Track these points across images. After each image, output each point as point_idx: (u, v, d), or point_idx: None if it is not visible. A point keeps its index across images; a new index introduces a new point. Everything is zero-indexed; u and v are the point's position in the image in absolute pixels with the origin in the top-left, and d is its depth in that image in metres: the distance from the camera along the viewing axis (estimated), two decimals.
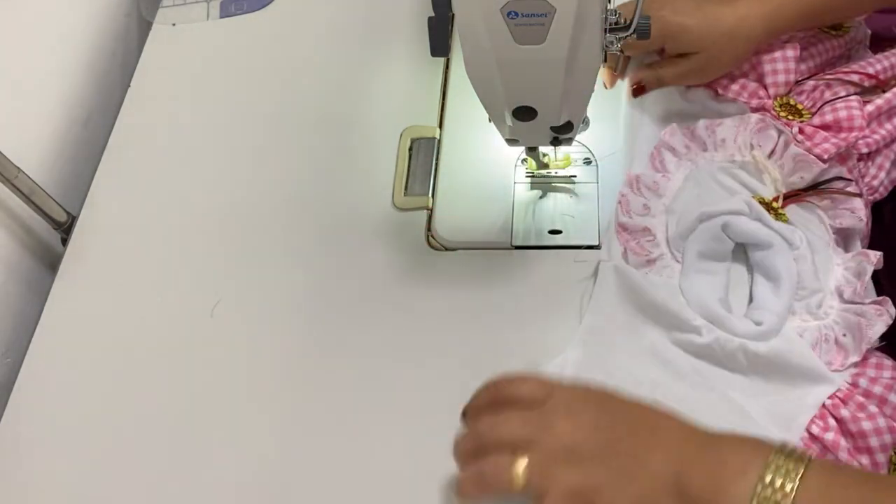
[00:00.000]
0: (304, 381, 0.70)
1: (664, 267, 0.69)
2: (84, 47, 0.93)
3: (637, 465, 0.50)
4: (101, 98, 0.95)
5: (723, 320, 0.65)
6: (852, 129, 0.69)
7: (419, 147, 0.82)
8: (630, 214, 0.72)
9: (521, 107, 0.61)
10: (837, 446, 0.60)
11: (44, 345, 0.75)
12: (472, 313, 0.71)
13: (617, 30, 0.61)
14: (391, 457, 0.66)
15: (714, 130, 0.74)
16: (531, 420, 0.53)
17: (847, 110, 0.70)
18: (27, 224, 0.85)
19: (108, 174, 0.84)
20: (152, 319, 0.75)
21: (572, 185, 0.77)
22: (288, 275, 0.76)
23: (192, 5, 0.96)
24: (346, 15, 0.93)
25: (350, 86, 0.88)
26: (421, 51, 0.88)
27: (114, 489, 0.67)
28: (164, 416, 0.70)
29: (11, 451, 0.70)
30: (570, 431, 0.52)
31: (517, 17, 0.53)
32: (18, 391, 0.72)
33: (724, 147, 0.73)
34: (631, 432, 0.52)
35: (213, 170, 0.83)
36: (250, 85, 0.89)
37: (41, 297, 0.78)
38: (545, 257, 0.74)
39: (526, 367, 0.67)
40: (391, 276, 0.74)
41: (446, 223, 0.76)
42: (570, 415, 0.53)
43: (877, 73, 0.74)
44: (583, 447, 0.51)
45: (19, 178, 0.78)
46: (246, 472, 0.66)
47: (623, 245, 0.71)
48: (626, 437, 0.52)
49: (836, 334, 0.64)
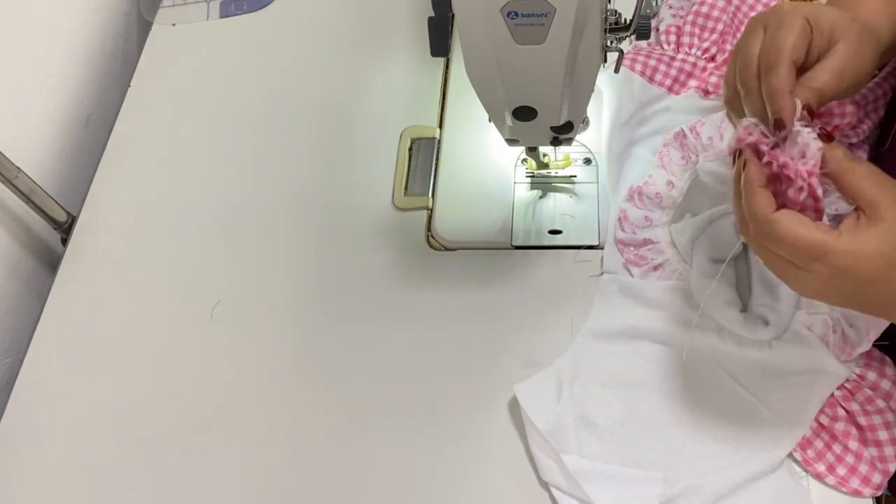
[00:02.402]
0: (304, 380, 0.70)
1: (673, 271, 0.70)
2: (84, 47, 0.93)
3: None
4: (101, 98, 0.95)
5: (732, 320, 0.65)
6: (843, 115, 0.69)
7: (419, 147, 0.82)
8: (632, 230, 0.72)
9: (521, 107, 0.61)
10: (847, 436, 0.61)
11: (44, 345, 0.75)
12: (472, 313, 0.71)
13: (617, 30, 0.61)
14: (391, 456, 0.66)
15: (698, 132, 0.74)
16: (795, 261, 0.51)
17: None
18: (27, 224, 0.85)
19: (108, 174, 0.84)
20: (152, 319, 0.75)
21: (572, 185, 0.77)
22: (288, 275, 0.76)
23: (192, 5, 0.96)
24: (346, 15, 0.93)
25: (350, 86, 0.88)
26: (421, 51, 0.88)
27: (114, 489, 0.67)
28: (164, 416, 0.70)
29: (11, 451, 0.70)
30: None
31: (517, 17, 0.53)
32: (18, 391, 0.72)
33: (711, 146, 0.73)
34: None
35: (213, 170, 0.83)
36: (250, 85, 0.89)
37: (41, 297, 0.78)
38: (545, 257, 0.74)
39: (526, 367, 0.67)
40: (391, 276, 0.74)
41: (446, 223, 0.76)
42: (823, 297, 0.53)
43: None
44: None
45: (19, 178, 0.78)
46: (246, 472, 0.66)
47: (623, 258, 0.71)
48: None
49: (842, 326, 0.64)
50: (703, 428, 0.63)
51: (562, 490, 0.62)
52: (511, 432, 0.65)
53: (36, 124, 0.87)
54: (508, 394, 0.66)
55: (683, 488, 0.61)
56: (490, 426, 0.66)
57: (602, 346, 0.68)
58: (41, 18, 0.88)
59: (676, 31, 0.80)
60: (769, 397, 0.64)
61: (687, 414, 0.64)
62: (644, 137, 0.77)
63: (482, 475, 0.64)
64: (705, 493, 0.60)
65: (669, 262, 0.70)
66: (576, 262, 0.73)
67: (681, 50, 0.80)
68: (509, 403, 0.66)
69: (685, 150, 0.74)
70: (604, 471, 0.62)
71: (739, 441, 0.62)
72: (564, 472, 0.61)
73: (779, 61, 0.53)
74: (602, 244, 0.73)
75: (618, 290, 0.70)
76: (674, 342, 0.67)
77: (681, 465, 0.62)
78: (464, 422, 0.66)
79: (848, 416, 0.62)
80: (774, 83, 0.53)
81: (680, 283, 0.69)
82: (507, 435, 0.65)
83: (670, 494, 0.61)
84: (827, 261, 0.50)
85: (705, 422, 0.64)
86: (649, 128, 0.77)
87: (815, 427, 0.62)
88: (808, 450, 0.61)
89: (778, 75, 0.53)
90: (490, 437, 0.65)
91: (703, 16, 0.80)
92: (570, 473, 0.61)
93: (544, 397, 0.65)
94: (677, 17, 0.82)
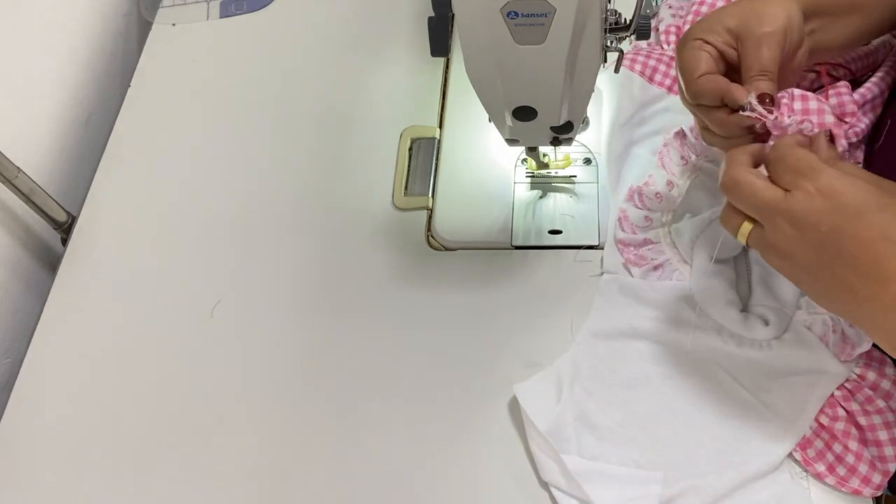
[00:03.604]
0: (304, 380, 0.70)
1: (673, 271, 0.70)
2: (84, 47, 0.93)
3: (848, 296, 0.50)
4: (101, 98, 0.95)
5: (732, 320, 0.65)
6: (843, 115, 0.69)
7: (419, 147, 0.82)
8: (632, 230, 0.72)
9: (521, 107, 0.61)
10: (847, 436, 0.61)
11: (44, 345, 0.75)
12: (472, 313, 0.71)
13: (617, 30, 0.61)
14: (391, 456, 0.66)
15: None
16: (771, 201, 0.52)
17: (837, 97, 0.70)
18: (27, 224, 0.85)
19: (108, 174, 0.84)
20: (152, 319, 0.75)
21: (572, 185, 0.77)
22: (288, 275, 0.76)
23: (192, 5, 0.96)
24: (346, 15, 0.93)
25: (350, 86, 0.88)
26: (421, 51, 0.88)
27: (114, 489, 0.67)
28: (164, 416, 0.70)
29: (11, 451, 0.70)
30: (792, 241, 0.51)
31: (517, 17, 0.53)
32: (18, 391, 0.72)
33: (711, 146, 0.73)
34: (856, 275, 0.50)
35: (213, 170, 0.83)
36: (250, 85, 0.89)
37: (41, 297, 0.78)
38: (545, 257, 0.74)
39: (526, 367, 0.67)
40: (391, 276, 0.74)
41: (446, 223, 0.76)
42: (801, 226, 0.51)
43: (847, 62, 0.74)
44: (798, 260, 0.52)
45: (19, 178, 0.78)
46: (246, 471, 0.66)
47: (623, 258, 0.71)
48: (847, 277, 0.50)
49: (842, 326, 0.64)
50: (703, 428, 0.63)
51: (562, 490, 0.62)
52: (511, 432, 0.65)
53: (36, 124, 0.87)
54: (508, 394, 0.66)
55: (683, 488, 0.61)
56: (490, 426, 0.66)
57: (602, 347, 0.68)
58: (41, 18, 0.88)
59: (676, 31, 0.80)
60: (769, 397, 0.64)
61: (687, 414, 0.64)
62: (644, 137, 0.77)
63: (482, 475, 0.64)
64: (705, 493, 0.60)
65: (669, 262, 0.70)
66: (576, 262, 0.73)
67: None
68: (509, 403, 0.66)
69: (685, 150, 0.74)
70: (604, 471, 0.62)
71: (739, 441, 0.62)
72: (564, 472, 0.61)
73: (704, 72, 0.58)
74: (602, 244, 0.73)
75: (618, 290, 0.70)
76: (674, 342, 0.67)
77: (681, 465, 0.62)
78: (464, 422, 0.66)
79: (848, 415, 0.62)
80: (713, 84, 0.57)
81: (680, 283, 0.69)
82: (507, 435, 0.65)
83: (670, 494, 0.61)
84: (820, 177, 0.50)
85: (705, 422, 0.64)
86: (649, 128, 0.77)
87: (815, 427, 0.62)
88: (808, 450, 0.61)
89: (707, 80, 0.57)
90: (490, 437, 0.65)
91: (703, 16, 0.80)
92: (570, 473, 0.61)
93: (544, 397, 0.65)
94: (677, 17, 0.82)
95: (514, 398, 0.65)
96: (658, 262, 0.70)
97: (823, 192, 0.50)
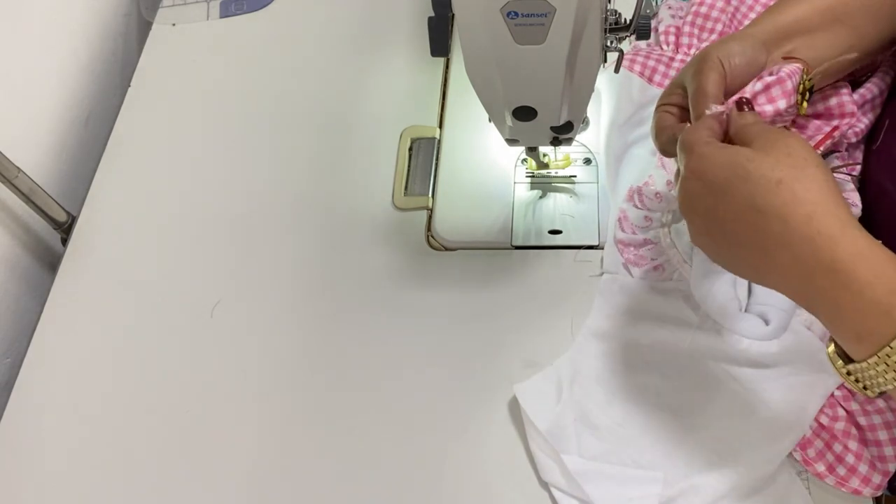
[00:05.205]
0: (304, 379, 0.70)
1: (673, 271, 0.70)
2: (84, 47, 0.93)
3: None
4: (101, 98, 0.95)
5: (734, 321, 0.65)
6: (843, 115, 0.69)
7: (419, 147, 0.82)
8: (632, 230, 0.72)
9: (521, 107, 0.61)
10: (847, 436, 0.61)
11: (44, 345, 0.75)
12: (472, 313, 0.71)
13: (617, 30, 0.61)
14: (391, 455, 0.66)
15: None
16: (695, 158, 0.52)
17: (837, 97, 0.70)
18: (27, 224, 0.85)
19: (108, 174, 0.84)
20: (152, 319, 0.75)
21: (572, 185, 0.77)
22: (288, 275, 0.76)
23: (192, 5, 0.96)
24: (346, 15, 0.93)
25: (350, 86, 0.88)
26: (421, 51, 0.88)
27: (114, 489, 0.67)
28: (164, 416, 0.70)
29: (11, 451, 0.70)
30: (692, 225, 0.53)
31: (517, 17, 0.53)
32: (18, 391, 0.72)
33: None
34: (746, 251, 0.50)
35: (213, 170, 0.83)
36: (250, 85, 0.89)
37: (41, 297, 0.78)
38: (545, 257, 0.74)
39: (526, 367, 0.67)
40: (391, 276, 0.74)
41: (446, 223, 0.76)
42: (687, 210, 0.53)
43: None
44: (707, 245, 0.53)
45: (19, 178, 0.78)
46: (247, 470, 0.66)
47: (623, 258, 0.71)
48: (740, 253, 0.51)
49: None
50: (704, 428, 0.64)
51: (562, 490, 0.62)
52: (511, 432, 0.65)
53: (36, 124, 0.87)
54: (508, 394, 0.66)
55: (683, 488, 0.61)
56: (490, 426, 0.66)
57: (602, 347, 0.68)
58: (41, 18, 0.88)
59: (675, 32, 0.81)
60: (769, 397, 0.64)
61: (687, 414, 0.64)
62: (643, 138, 0.77)
63: (482, 475, 0.64)
64: (705, 493, 0.60)
65: (669, 262, 0.70)
66: (576, 262, 0.73)
67: (680, 50, 0.80)
68: (509, 403, 0.66)
69: None
70: (604, 471, 0.62)
71: (739, 441, 0.62)
72: (564, 472, 0.61)
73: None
74: (602, 244, 0.73)
75: (618, 290, 0.70)
76: (674, 342, 0.67)
77: (681, 465, 0.62)
78: (464, 422, 0.66)
79: (848, 415, 0.62)
80: (668, 132, 0.60)
81: (680, 283, 0.69)
82: (507, 435, 0.65)
83: (670, 494, 0.61)
84: (692, 157, 0.51)
85: (705, 422, 0.64)
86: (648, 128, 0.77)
87: (815, 427, 0.62)
88: (808, 450, 0.61)
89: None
90: (490, 438, 0.65)
91: (703, 16, 0.80)
92: (570, 473, 0.61)
93: (544, 397, 0.65)
94: (676, 17, 0.82)
95: (514, 398, 0.65)
96: (658, 262, 0.70)
97: (695, 172, 0.51)
